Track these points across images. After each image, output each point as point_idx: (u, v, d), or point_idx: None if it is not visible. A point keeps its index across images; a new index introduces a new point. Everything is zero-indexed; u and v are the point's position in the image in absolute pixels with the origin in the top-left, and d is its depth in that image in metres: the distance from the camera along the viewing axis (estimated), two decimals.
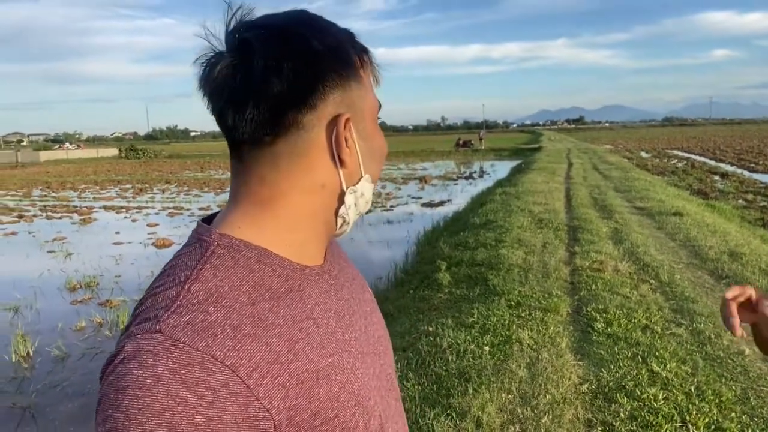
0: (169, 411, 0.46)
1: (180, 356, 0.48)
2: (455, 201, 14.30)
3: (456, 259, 6.24)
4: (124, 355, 0.49)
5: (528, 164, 21.55)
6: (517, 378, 3.25)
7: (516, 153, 35.86)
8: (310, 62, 0.57)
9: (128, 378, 0.47)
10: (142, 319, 0.52)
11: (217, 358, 0.49)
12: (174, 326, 0.50)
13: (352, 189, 0.62)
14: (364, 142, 0.63)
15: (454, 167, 28.25)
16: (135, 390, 0.47)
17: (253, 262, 0.57)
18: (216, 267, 0.55)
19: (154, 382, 0.47)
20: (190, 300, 0.52)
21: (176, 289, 0.53)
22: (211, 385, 0.48)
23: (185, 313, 0.51)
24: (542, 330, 3.97)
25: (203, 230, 0.60)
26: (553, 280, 5.17)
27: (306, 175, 0.59)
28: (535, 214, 8.70)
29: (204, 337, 0.50)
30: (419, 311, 4.76)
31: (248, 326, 0.53)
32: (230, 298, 0.54)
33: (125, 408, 0.47)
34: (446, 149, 42.18)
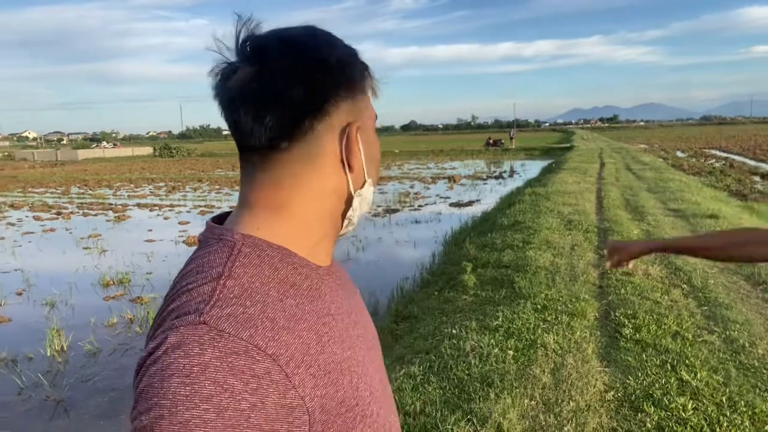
0: (217, 397, 0.48)
1: (226, 345, 0.50)
2: (484, 201, 14.17)
3: (482, 260, 6.18)
4: (167, 346, 0.50)
5: (559, 164, 21.20)
6: (541, 384, 3.20)
7: (547, 152, 35.35)
8: (326, 72, 0.61)
9: (174, 366, 0.49)
10: (181, 313, 0.53)
11: (260, 348, 0.52)
12: (218, 318, 0.52)
13: (358, 193, 0.66)
14: (367, 148, 0.67)
15: (484, 166, 28.01)
16: (182, 377, 0.48)
17: (277, 260, 0.61)
18: (245, 265, 0.58)
19: (201, 370, 0.49)
20: (227, 294, 0.54)
21: (212, 284, 0.55)
22: (256, 372, 0.50)
23: (225, 306, 0.53)
24: (568, 335, 3.90)
25: (223, 230, 0.62)
26: (581, 284, 5.07)
27: (318, 180, 0.63)
28: (564, 216, 8.55)
29: (247, 327, 0.52)
30: (443, 313, 4.73)
31: (282, 319, 0.56)
32: (262, 294, 0.57)
33: (172, 395, 0.48)
34: (476, 148, 41.84)
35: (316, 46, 0.62)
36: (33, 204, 16.57)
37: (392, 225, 11.41)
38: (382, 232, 10.64)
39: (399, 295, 6.20)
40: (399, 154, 40.72)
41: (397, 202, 14.61)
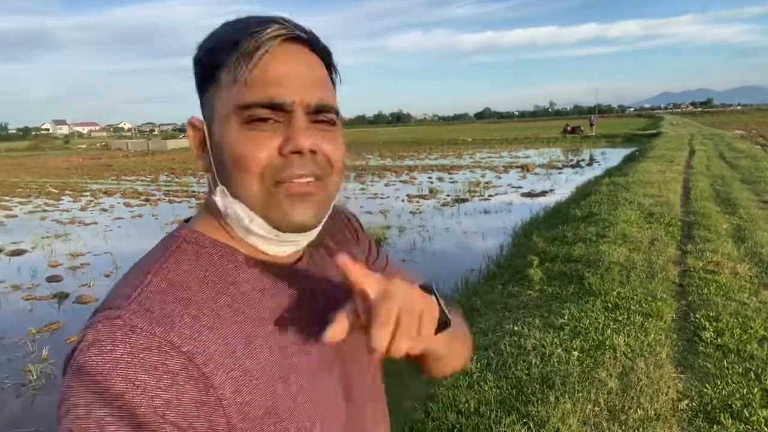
0: (129, 394, 0.47)
1: (138, 341, 0.49)
2: (558, 191, 13.64)
3: (551, 254, 5.93)
4: (85, 343, 0.50)
5: (643, 152, 20.04)
6: (606, 388, 3.01)
7: (630, 139, 33.57)
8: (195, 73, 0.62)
9: (88, 364, 0.48)
10: (103, 307, 0.53)
11: (174, 344, 0.50)
12: (133, 313, 0.51)
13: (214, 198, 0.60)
14: (212, 146, 0.60)
15: (560, 155, 27.01)
16: (94, 375, 0.48)
17: (216, 257, 0.59)
18: (179, 261, 0.57)
19: (112, 367, 0.48)
20: (151, 290, 0.53)
21: (139, 279, 0.55)
22: (170, 368, 0.49)
23: (145, 301, 0.52)
24: (640, 336, 3.66)
25: (179, 226, 0.63)
26: (658, 282, 4.74)
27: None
28: (645, 207, 8.05)
29: (162, 323, 0.51)
30: (506, 308, 4.58)
31: (207, 318, 0.54)
32: (192, 290, 0.55)
33: (85, 392, 0.47)
34: (553, 136, 40.45)
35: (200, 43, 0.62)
36: (124, 191, 17.72)
37: (460, 215, 11.23)
38: (450, 222, 10.49)
39: (463, 287, 6.08)
40: (471, 143, 40.08)
41: (467, 191, 14.36)
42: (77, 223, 11.98)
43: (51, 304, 6.48)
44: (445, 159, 26.62)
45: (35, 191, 19.18)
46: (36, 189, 19.92)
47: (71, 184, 21.47)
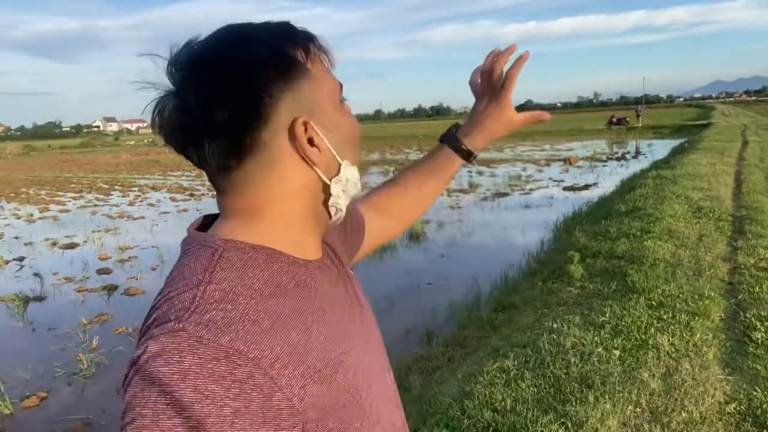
0: (198, 404, 0.48)
1: (206, 352, 0.50)
2: (602, 184, 13.29)
3: (593, 249, 5.79)
4: (148, 355, 0.50)
5: (692, 143, 19.29)
6: (649, 389, 2.93)
7: (679, 130, 32.41)
8: (246, 80, 0.57)
9: (154, 375, 0.49)
10: (161, 321, 0.53)
11: (241, 352, 0.51)
12: (197, 324, 0.51)
13: (336, 179, 0.64)
14: (331, 132, 0.63)
15: (605, 147, 26.31)
16: (162, 386, 0.48)
17: (261, 261, 0.60)
18: (226, 269, 0.57)
19: (181, 378, 0.48)
20: (207, 300, 0.54)
21: (192, 292, 0.55)
22: (237, 377, 0.50)
23: (205, 312, 0.53)
24: (686, 336, 3.53)
25: (205, 236, 0.62)
26: (706, 279, 4.57)
27: (282, 183, 0.62)
28: (693, 201, 7.76)
29: (227, 332, 0.52)
30: (546, 305, 4.50)
31: (266, 321, 0.55)
32: (245, 296, 0.56)
33: (153, 404, 0.48)
34: (597, 128, 39.45)
35: (225, 55, 0.58)
36: (170, 186, 18.26)
37: (500, 209, 11.09)
38: (490, 217, 10.38)
39: (503, 284, 6.01)
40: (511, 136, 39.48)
41: (507, 185, 14.18)
42: (126, 218, 12.43)
43: (101, 296, 6.75)
44: (485, 152, 26.25)
45: (87, 186, 19.98)
46: (87, 184, 20.76)
47: (120, 179, 22.27)
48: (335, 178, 0.64)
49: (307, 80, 0.61)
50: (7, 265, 8.49)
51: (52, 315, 6.13)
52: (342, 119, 0.65)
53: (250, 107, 0.57)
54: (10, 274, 7.97)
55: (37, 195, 18.19)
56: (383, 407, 0.66)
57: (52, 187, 20.85)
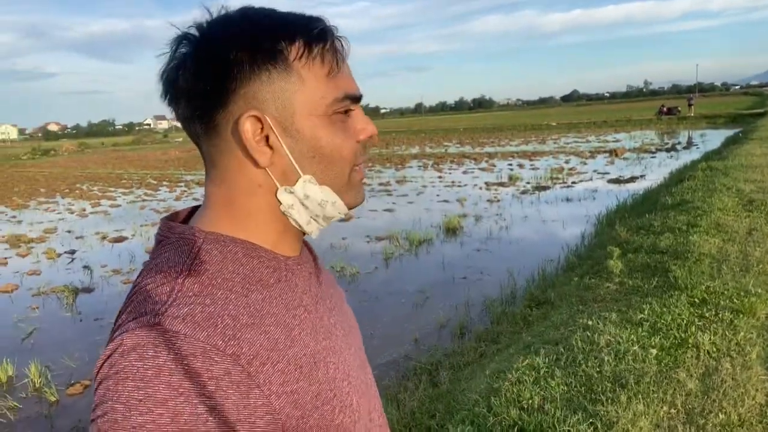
0: (172, 401, 0.47)
1: (182, 347, 0.49)
2: (650, 177, 12.85)
3: (634, 244, 5.60)
4: (123, 348, 0.49)
5: (747, 133, 18.43)
6: (685, 390, 2.81)
7: (734, 120, 31.01)
8: (214, 57, 0.56)
9: (128, 369, 0.48)
10: (138, 314, 0.52)
11: (219, 348, 0.50)
12: (174, 318, 0.50)
13: (287, 189, 0.60)
14: (296, 141, 0.58)
15: (654, 138, 25.41)
16: (136, 381, 0.47)
17: (241, 255, 0.58)
18: (206, 261, 0.56)
19: (156, 373, 0.47)
20: (185, 293, 0.53)
21: (170, 284, 0.53)
22: (214, 374, 0.49)
23: (183, 305, 0.51)
24: (729, 335, 3.37)
25: (184, 228, 0.60)
26: (753, 275, 4.35)
27: (241, 174, 0.59)
28: (744, 194, 7.40)
29: (204, 327, 0.50)
30: (581, 301, 4.38)
31: (245, 316, 0.54)
32: (224, 290, 0.55)
33: (126, 399, 0.47)
34: (646, 118, 38.13)
35: (216, 27, 0.58)
36: None
37: (540, 203, 10.86)
38: (529, 210, 10.18)
39: (539, 278, 5.89)
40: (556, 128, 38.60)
41: (549, 178, 13.87)
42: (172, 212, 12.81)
43: None
44: (527, 145, 25.85)
45: (137, 182, 20.69)
46: (137, 180, 21.50)
47: (168, 175, 22.96)
48: (287, 188, 0.60)
49: (285, 78, 0.57)
50: (59, 258, 8.90)
51: (99, 306, 6.37)
52: (319, 131, 0.59)
53: (210, 84, 0.56)
54: (62, 267, 8.34)
55: (89, 191, 18.97)
56: (363, 401, 0.65)
57: (104, 183, 21.70)
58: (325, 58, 0.58)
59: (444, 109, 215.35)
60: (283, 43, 0.57)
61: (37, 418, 4.06)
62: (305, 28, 0.58)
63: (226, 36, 0.56)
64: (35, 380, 4.47)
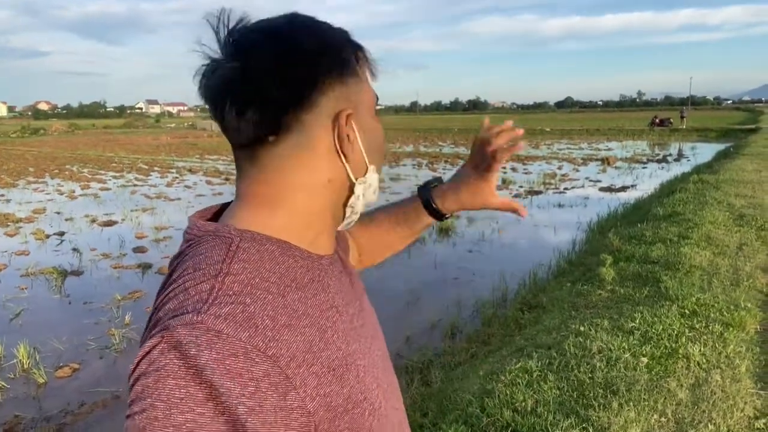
0: (213, 401, 0.47)
1: (224, 347, 0.49)
2: (641, 187, 12.98)
3: (626, 253, 5.66)
4: (164, 346, 0.49)
5: (738, 148, 18.64)
6: (676, 399, 2.86)
7: (725, 134, 31.34)
8: (307, 62, 0.58)
9: (170, 368, 0.48)
10: (178, 312, 0.51)
11: (260, 349, 0.50)
12: (216, 317, 0.50)
13: (361, 180, 0.64)
14: (365, 134, 0.64)
15: (646, 148, 25.64)
16: (177, 379, 0.47)
17: (277, 254, 0.58)
18: (244, 260, 0.56)
19: (197, 373, 0.47)
20: (226, 292, 0.52)
21: (210, 282, 0.53)
22: (254, 375, 0.49)
23: (224, 305, 0.51)
24: (718, 347, 3.43)
25: (218, 226, 0.60)
26: (743, 289, 4.42)
27: (311, 173, 0.61)
28: (735, 209, 7.50)
29: (246, 328, 0.50)
30: (573, 307, 4.42)
31: (284, 316, 0.54)
32: (262, 290, 0.54)
33: (167, 397, 0.47)
34: (639, 128, 38.47)
35: (294, 35, 0.59)
36: (207, 170, 18.60)
37: (533, 207, 10.93)
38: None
39: (531, 283, 5.94)
40: (550, 133, 38.81)
41: (541, 183, 13.95)
42: (163, 198, 12.73)
43: (136, 273, 6.94)
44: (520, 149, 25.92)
45: (127, 166, 20.53)
46: (128, 164, 21.33)
47: (159, 161, 22.80)
48: (362, 179, 0.65)
49: (357, 81, 0.63)
50: (48, 239, 8.81)
51: (88, 289, 6.34)
52: (375, 126, 0.67)
53: (303, 85, 0.58)
54: (50, 248, 8.27)
55: (79, 172, 18.79)
56: (390, 403, 0.65)
57: (94, 165, 21.50)
58: (369, 64, 0.66)
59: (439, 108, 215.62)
60: (353, 50, 0.63)
61: (25, 399, 4.03)
62: (353, 39, 0.65)
63: (322, 45, 0.59)
64: (23, 361, 4.43)
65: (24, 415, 3.81)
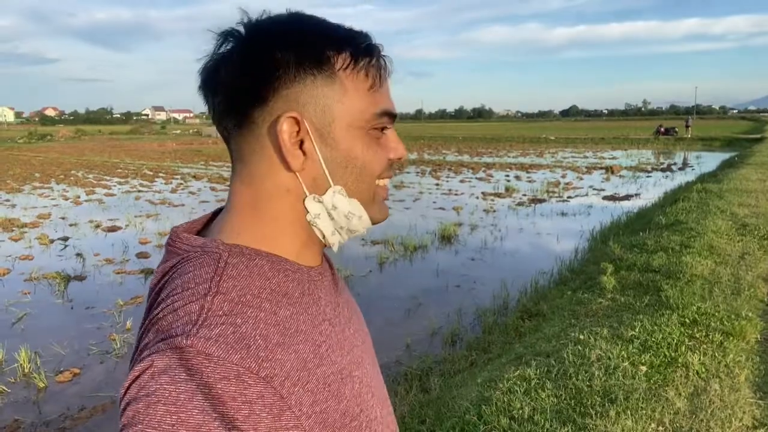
0: (205, 426, 0.46)
1: (215, 370, 0.47)
2: (645, 195, 12.95)
3: (627, 261, 5.65)
4: (154, 370, 0.48)
5: (743, 157, 18.59)
6: (674, 408, 2.85)
7: (730, 143, 31.27)
8: (263, 53, 0.56)
9: (160, 393, 0.46)
10: (166, 335, 0.50)
11: (253, 371, 0.48)
12: (206, 340, 0.48)
13: (316, 197, 0.59)
14: (331, 149, 0.58)
15: (651, 157, 25.59)
16: (168, 405, 0.46)
17: (267, 269, 0.57)
18: (234, 277, 0.54)
19: (189, 398, 0.46)
20: (215, 312, 0.51)
21: (199, 302, 0.51)
22: (248, 398, 0.47)
23: (214, 326, 0.50)
24: (718, 356, 3.42)
25: (205, 241, 0.58)
26: (745, 299, 4.41)
27: (270, 176, 0.58)
28: (738, 218, 7.49)
29: (238, 349, 0.49)
30: (574, 315, 4.42)
31: (276, 335, 0.52)
32: (253, 308, 0.53)
33: (157, 423, 0.46)
34: (643, 137, 38.39)
35: (266, 31, 0.58)
36: (211, 176, 18.67)
37: (536, 215, 10.92)
38: (525, 223, 10.23)
39: (532, 290, 5.93)
40: (554, 141, 38.81)
41: (545, 191, 13.95)
42: (167, 204, 12.77)
43: (138, 279, 6.96)
44: (524, 157, 25.97)
45: (132, 172, 20.63)
46: (133, 170, 21.43)
47: (164, 167, 22.89)
48: (315, 196, 0.59)
49: (329, 85, 0.57)
50: (52, 244, 8.86)
51: (90, 294, 6.36)
52: (355, 143, 0.59)
53: (253, 81, 0.56)
54: (54, 253, 8.31)
55: (85, 178, 18.89)
56: (386, 410, 0.64)
57: (99, 171, 21.62)
58: (369, 72, 0.59)
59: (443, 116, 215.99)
60: (331, 51, 0.57)
61: (25, 403, 4.04)
62: (354, 40, 0.58)
63: (275, 35, 0.57)
64: (24, 365, 4.45)
65: (24, 419, 3.82)
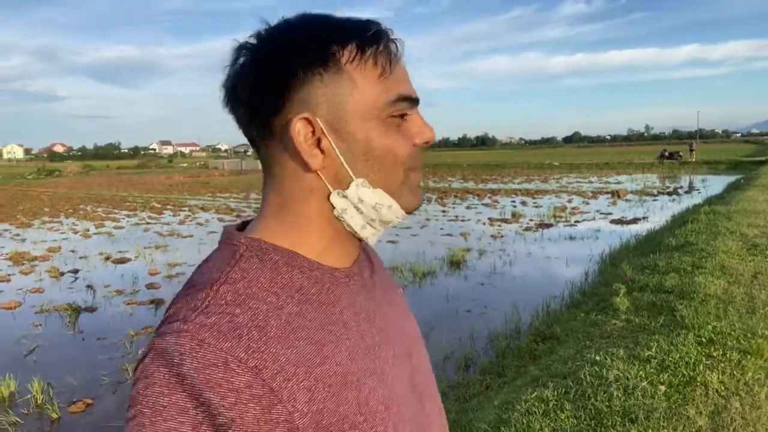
0: (193, 410, 0.47)
1: (205, 356, 0.49)
2: (652, 219, 12.91)
3: (640, 283, 5.63)
4: (154, 353, 0.50)
5: (749, 180, 18.58)
6: (695, 427, 2.81)
7: (735, 167, 31.26)
8: (271, 67, 0.57)
9: (156, 375, 0.49)
10: (173, 319, 0.52)
11: (241, 360, 0.49)
12: (201, 326, 0.50)
13: (340, 192, 0.59)
14: (348, 144, 0.58)
15: (656, 181, 25.60)
16: (162, 387, 0.48)
17: (281, 264, 0.58)
18: (244, 269, 0.56)
19: (179, 381, 0.48)
20: (217, 301, 0.52)
21: (205, 290, 0.54)
22: (234, 386, 0.48)
23: (212, 314, 0.51)
24: (737, 374, 3.38)
25: (233, 235, 0.61)
26: (760, 317, 4.37)
27: (296, 180, 0.60)
28: (748, 238, 7.46)
29: (229, 338, 0.50)
30: (588, 337, 4.39)
31: (274, 329, 0.53)
32: (257, 300, 0.54)
33: (152, 403, 0.48)
34: (648, 161, 38.46)
35: (272, 38, 0.58)
36: (218, 207, 18.79)
37: (543, 240, 10.90)
38: (533, 247, 10.22)
39: (544, 314, 5.89)
40: (558, 167, 38.95)
41: (552, 216, 13.94)
42: (176, 236, 12.84)
43: (148, 309, 6.98)
44: (529, 183, 26.05)
45: (141, 205, 20.79)
46: (141, 203, 21.60)
47: (172, 199, 23.08)
48: (339, 191, 0.60)
49: (337, 81, 0.56)
50: (62, 276, 8.90)
51: (101, 325, 6.37)
52: (371, 133, 0.58)
53: (266, 91, 0.57)
54: (65, 286, 8.34)
55: (93, 212, 19.05)
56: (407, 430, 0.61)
57: (108, 204, 21.80)
58: (378, 60, 0.58)
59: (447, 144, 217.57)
60: (335, 46, 0.56)
61: None
62: (359, 30, 0.58)
63: (279, 43, 0.57)
64: (37, 396, 4.44)
65: None
